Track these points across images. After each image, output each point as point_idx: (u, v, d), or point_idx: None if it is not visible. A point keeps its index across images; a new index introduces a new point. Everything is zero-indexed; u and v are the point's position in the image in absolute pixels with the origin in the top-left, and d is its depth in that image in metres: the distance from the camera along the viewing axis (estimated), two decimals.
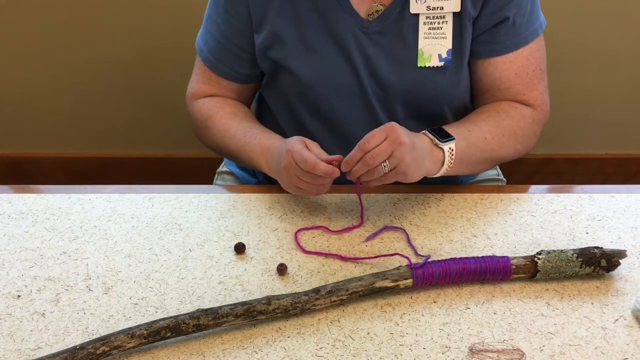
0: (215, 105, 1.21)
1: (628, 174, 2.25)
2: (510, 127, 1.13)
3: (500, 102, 1.17)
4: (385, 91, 1.14)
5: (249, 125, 1.17)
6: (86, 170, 2.25)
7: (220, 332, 0.86)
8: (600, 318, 0.88)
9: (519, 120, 1.14)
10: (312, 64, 1.13)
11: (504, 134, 1.13)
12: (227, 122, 1.18)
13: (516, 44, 1.14)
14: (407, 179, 1.00)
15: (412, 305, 0.90)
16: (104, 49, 2.05)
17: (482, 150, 1.11)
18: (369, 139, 0.96)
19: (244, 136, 1.15)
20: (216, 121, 1.19)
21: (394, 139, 0.96)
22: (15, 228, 1.05)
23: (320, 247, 1.01)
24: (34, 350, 0.83)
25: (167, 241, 1.02)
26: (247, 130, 1.16)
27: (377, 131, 0.97)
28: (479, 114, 1.15)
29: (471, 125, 1.12)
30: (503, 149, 1.13)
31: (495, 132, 1.12)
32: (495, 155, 1.14)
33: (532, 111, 1.16)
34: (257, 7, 1.12)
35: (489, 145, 1.11)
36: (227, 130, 1.17)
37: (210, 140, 1.21)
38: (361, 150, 0.96)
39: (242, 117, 1.20)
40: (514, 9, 1.11)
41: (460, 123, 1.13)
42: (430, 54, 1.12)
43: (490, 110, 1.15)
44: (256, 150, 1.12)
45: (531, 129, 1.16)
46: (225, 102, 1.22)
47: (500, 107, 1.16)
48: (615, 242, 1.02)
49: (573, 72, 2.08)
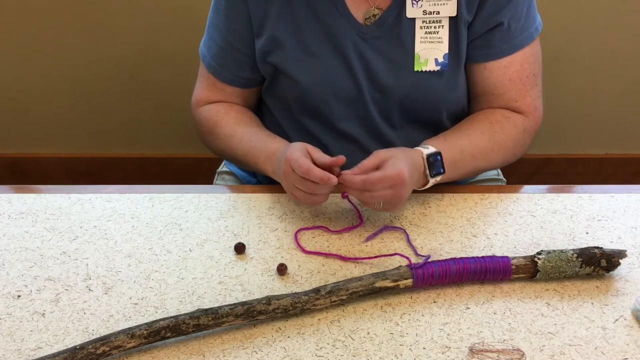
0: (220, 111, 1.21)
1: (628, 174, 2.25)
2: (501, 140, 1.14)
3: (494, 110, 1.17)
4: (383, 95, 1.14)
5: (254, 130, 1.17)
6: (86, 170, 2.25)
7: (220, 332, 0.86)
8: (600, 318, 0.88)
9: (511, 131, 1.15)
10: (310, 69, 1.13)
11: (493, 149, 1.13)
12: (232, 127, 1.18)
13: (511, 48, 1.13)
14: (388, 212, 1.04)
15: (412, 305, 0.90)
16: (104, 49, 2.05)
17: (467, 167, 1.12)
18: (375, 183, 0.96)
19: (250, 141, 1.15)
20: (222, 127, 1.19)
21: (397, 191, 0.97)
22: (15, 228, 1.05)
23: (320, 247, 1.01)
24: (34, 350, 0.83)
25: (167, 241, 1.02)
26: (253, 134, 1.16)
27: (388, 178, 0.96)
28: (472, 126, 1.15)
29: (465, 141, 1.11)
30: (490, 164, 1.15)
31: (485, 147, 1.12)
32: (480, 169, 1.16)
33: (524, 120, 1.17)
34: (257, 12, 1.13)
35: (476, 162, 1.12)
36: (233, 136, 1.17)
37: (217, 145, 1.21)
38: (364, 186, 0.96)
39: (247, 122, 1.20)
40: (508, 13, 1.11)
41: (457, 138, 1.12)
42: (427, 59, 1.12)
43: (484, 121, 1.15)
44: (262, 155, 1.12)
45: (522, 139, 1.17)
46: (230, 107, 1.22)
47: (494, 117, 1.16)
48: (615, 242, 1.02)
49: (573, 72, 2.08)
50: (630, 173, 2.25)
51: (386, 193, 0.97)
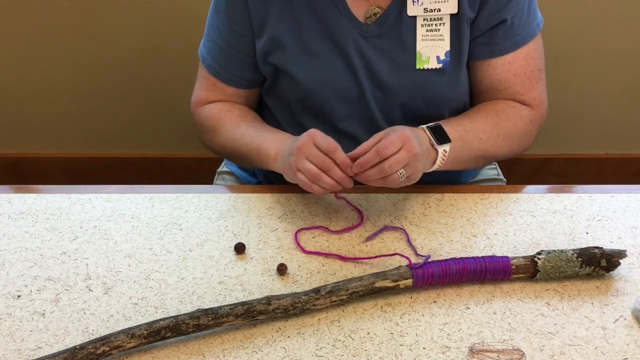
0: (223, 109, 1.21)
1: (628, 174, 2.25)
2: (507, 128, 1.14)
3: (500, 100, 1.17)
4: (384, 94, 1.14)
5: (259, 125, 1.18)
6: (86, 170, 2.25)
7: (220, 332, 0.86)
8: (600, 318, 0.88)
9: (517, 121, 1.15)
10: (311, 69, 1.13)
11: (499, 134, 1.13)
12: (236, 122, 1.18)
13: (514, 44, 1.14)
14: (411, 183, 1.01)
15: (412, 305, 0.90)
16: (104, 49, 2.05)
17: (475, 150, 1.12)
18: (387, 146, 0.95)
19: (255, 131, 1.15)
20: (225, 123, 1.19)
21: (409, 149, 0.96)
22: (15, 228, 1.05)
23: (320, 247, 1.01)
24: (34, 350, 0.83)
25: (167, 241, 1.02)
26: (259, 128, 1.16)
27: (394, 138, 0.96)
28: (477, 112, 1.16)
29: (469, 123, 1.12)
30: (497, 149, 1.14)
31: (491, 133, 1.12)
32: (489, 154, 1.15)
33: (530, 111, 1.17)
34: (257, 12, 1.12)
35: (484, 145, 1.12)
36: (236, 130, 1.17)
37: (217, 142, 1.21)
38: (378, 155, 0.95)
39: (251, 118, 1.20)
40: (512, 10, 1.11)
41: (459, 119, 1.13)
42: (429, 56, 1.12)
43: (489, 109, 1.15)
44: (267, 141, 1.11)
45: (528, 129, 1.17)
46: (232, 105, 1.22)
47: (499, 106, 1.16)
48: (615, 242, 1.02)
49: (573, 72, 2.08)
50: (630, 173, 2.25)
51: (401, 155, 0.95)
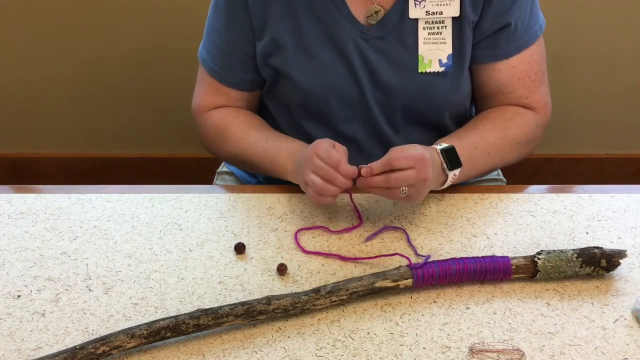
0: (229, 116, 1.20)
1: (628, 174, 2.25)
2: (514, 136, 1.14)
3: (506, 107, 1.17)
4: (386, 96, 1.14)
5: (269, 132, 1.17)
6: (86, 170, 2.25)
7: (220, 332, 0.86)
8: (600, 318, 0.88)
9: (524, 127, 1.16)
10: (312, 71, 1.12)
11: (507, 145, 1.14)
12: (244, 129, 1.17)
13: (517, 48, 1.14)
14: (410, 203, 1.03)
15: (412, 305, 0.90)
16: (104, 49, 2.05)
17: (483, 165, 1.12)
18: (399, 158, 0.95)
19: (266, 141, 1.14)
20: (232, 131, 1.18)
21: (421, 172, 0.96)
22: (15, 228, 1.05)
23: (320, 247, 1.01)
24: (34, 350, 0.83)
25: (167, 241, 1.02)
26: (269, 136, 1.15)
27: (410, 155, 0.96)
28: (486, 122, 1.15)
29: (479, 139, 1.12)
30: (504, 159, 1.15)
31: (499, 145, 1.13)
32: (495, 165, 1.16)
33: (535, 115, 1.17)
34: (258, 14, 1.12)
35: (492, 158, 1.13)
36: (245, 138, 1.16)
37: (226, 150, 1.20)
38: (389, 165, 0.96)
39: (258, 125, 1.19)
40: (515, 13, 1.11)
41: (470, 135, 1.12)
42: (431, 59, 1.12)
43: (497, 118, 1.16)
44: (282, 154, 1.11)
45: (534, 134, 1.18)
46: (238, 111, 1.21)
47: (507, 114, 1.16)
48: (615, 242, 1.02)
49: (573, 73, 2.08)
50: (630, 173, 2.25)
51: (410, 174, 0.95)
